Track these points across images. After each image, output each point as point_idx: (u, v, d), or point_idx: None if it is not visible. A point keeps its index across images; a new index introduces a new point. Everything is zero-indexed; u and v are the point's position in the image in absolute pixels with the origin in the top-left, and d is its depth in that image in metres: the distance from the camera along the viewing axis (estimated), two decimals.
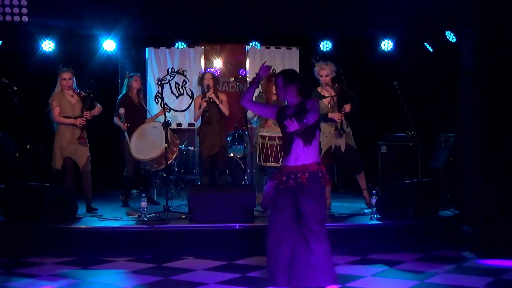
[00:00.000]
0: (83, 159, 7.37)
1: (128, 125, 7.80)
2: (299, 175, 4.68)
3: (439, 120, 8.89)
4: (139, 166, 7.97)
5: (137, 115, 8.00)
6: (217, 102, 8.03)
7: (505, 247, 6.24)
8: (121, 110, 7.83)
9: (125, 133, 7.83)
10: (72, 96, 7.44)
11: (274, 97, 8.23)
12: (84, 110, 7.39)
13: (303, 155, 4.73)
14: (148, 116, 8.37)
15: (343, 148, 7.52)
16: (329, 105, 7.59)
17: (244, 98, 5.02)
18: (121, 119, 7.84)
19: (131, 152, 7.59)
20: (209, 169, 8.30)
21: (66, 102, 7.38)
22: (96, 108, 7.63)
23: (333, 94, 7.56)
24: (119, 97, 8.11)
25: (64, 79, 7.39)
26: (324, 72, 7.53)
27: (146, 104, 8.73)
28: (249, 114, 8.22)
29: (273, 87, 8.17)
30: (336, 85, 7.55)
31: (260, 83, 7.00)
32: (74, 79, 7.48)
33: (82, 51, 9.17)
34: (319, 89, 7.67)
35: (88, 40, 9.16)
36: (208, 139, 8.08)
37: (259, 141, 7.78)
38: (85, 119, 7.36)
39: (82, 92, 7.49)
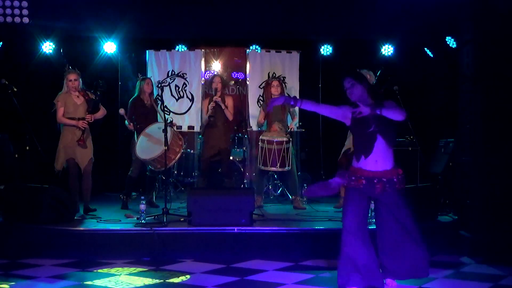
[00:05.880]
0: (85, 160, 7.38)
1: (139, 126, 7.79)
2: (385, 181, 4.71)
3: (439, 125, 8.90)
4: (145, 168, 7.96)
5: (148, 117, 7.98)
6: (223, 106, 8.10)
7: (504, 253, 6.23)
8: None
9: (135, 134, 7.85)
10: (78, 97, 7.42)
11: None
12: (87, 112, 7.40)
13: (383, 158, 4.75)
14: (159, 119, 8.35)
15: None
16: None
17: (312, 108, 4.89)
18: (131, 121, 7.84)
19: (135, 152, 7.60)
20: (207, 171, 8.33)
21: (71, 103, 7.36)
22: (99, 111, 7.61)
23: None
24: (130, 100, 8.13)
25: (70, 80, 7.38)
26: None
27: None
28: (260, 120, 8.30)
29: (271, 91, 8.24)
30: None
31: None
32: (81, 80, 7.47)
33: (83, 53, 9.19)
34: None
35: (89, 42, 9.19)
36: (212, 141, 8.15)
37: (259, 144, 7.89)
38: (86, 122, 7.36)
39: (89, 94, 7.47)
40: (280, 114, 8.20)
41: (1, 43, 8.37)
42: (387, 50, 9.53)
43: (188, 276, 5.64)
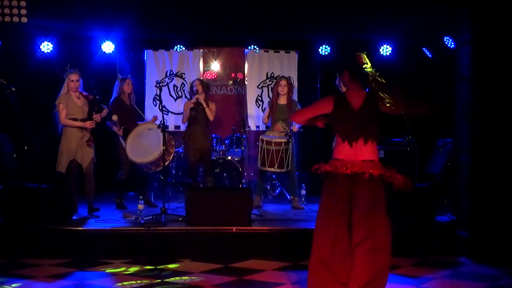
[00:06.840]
0: (87, 160, 7.35)
1: (124, 127, 7.79)
2: None
3: (437, 125, 8.90)
4: (133, 168, 7.96)
5: (129, 117, 7.99)
6: (204, 105, 8.09)
7: (502, 253, 6.25)
8: (114, 117, 7.77)
9: (120, 136, 7.85)
10: (78, 98, 7.40)
11: (281, 101, 8.26)
12: (94, 112, 7.37)
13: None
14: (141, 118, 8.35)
15: None
16: None
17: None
18: (116, 125, 7.84)
19: (127, 155, 7.57)
20: (197, 174, 8.40)
21: (73, 104, 7.33)
22: (103, 110, 7.62)
23: None
24: (110, 101, 8.10)
25: (72, 80, 7.33)
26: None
27: (144, 106, 8.73)
28: (265, 120, 8.31)
29: (278, 90, 8.24)
30: None
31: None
32: (82, 81, 7.46)
33: (81, 53, 9.17)
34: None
35: (87, 41, 9.18)
36: (195, 144, 8.14)
37: (258, 144, 7.90)
38: (94, 122, 7.35)
39: (90, 95, 7.46)
40: (285, 114, 8.17)
41: None
42: (385, 50, 9.52)
43: (186, 276, 5.65)
